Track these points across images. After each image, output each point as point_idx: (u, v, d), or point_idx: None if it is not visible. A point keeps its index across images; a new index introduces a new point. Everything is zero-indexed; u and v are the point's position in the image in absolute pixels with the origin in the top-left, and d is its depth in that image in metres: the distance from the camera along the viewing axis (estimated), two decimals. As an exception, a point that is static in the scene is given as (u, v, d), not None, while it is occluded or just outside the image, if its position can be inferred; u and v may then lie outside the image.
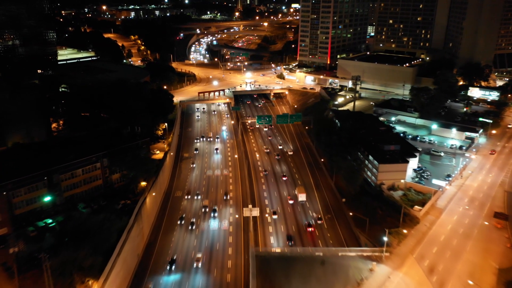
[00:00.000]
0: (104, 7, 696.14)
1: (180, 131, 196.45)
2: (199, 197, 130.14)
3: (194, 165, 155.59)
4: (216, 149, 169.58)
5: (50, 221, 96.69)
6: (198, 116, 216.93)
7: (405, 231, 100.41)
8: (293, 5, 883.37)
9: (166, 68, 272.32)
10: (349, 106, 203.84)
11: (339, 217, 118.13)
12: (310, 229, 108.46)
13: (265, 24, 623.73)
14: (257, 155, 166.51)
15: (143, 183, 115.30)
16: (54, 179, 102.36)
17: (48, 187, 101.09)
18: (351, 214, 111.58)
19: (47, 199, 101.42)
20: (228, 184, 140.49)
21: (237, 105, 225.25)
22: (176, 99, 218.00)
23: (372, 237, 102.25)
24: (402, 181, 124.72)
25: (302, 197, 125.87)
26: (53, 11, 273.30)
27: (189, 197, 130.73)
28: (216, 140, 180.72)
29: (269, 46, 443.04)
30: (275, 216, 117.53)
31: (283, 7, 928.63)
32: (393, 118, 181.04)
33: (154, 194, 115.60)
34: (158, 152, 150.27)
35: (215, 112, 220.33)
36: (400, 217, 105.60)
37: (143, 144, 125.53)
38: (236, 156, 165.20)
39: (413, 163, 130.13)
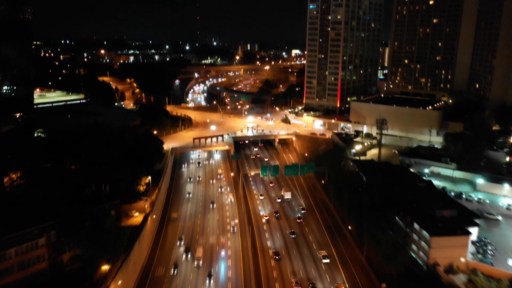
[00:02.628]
0: (102, 51, 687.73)
1: (170, 184, 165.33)
2: None
3: None
4: None
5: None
6: (189, 193, 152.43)
7: None
8: (294, 51, 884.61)
9: (159, 111, 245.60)
10: (370, 155, 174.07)
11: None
12: None
13: (267, 68, 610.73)
14: (263, 216, 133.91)
15: (105, 267, 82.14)
16: (-30, 266, 69.82)
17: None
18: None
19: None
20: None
21: (238, 153, 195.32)
22: (168, 145, 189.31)
23: None
24: (463, 259, 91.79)
25: (287, 195, 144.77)
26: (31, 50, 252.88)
27: None
28: (210, 278, 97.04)
29: (270, 90, 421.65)
30: None
31: (284, 53, 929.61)
32: (426, 170, 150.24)
33: (120, 282, 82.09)
34: (137, 214, 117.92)
35: (214, 205, 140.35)
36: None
37: (112, 208, 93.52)
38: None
39: (473, 233, 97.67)
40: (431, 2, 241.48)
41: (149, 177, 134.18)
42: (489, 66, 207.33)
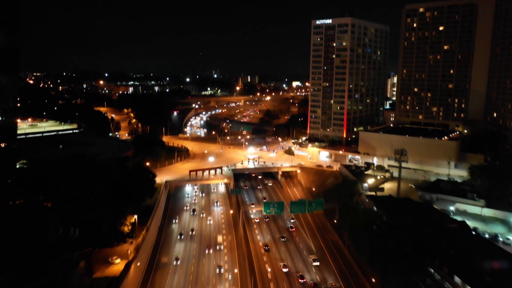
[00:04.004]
0: (101, 82, 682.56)
1: (162, 223, 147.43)
2: None
3: None
4: None
5: None
6: (177, 261, 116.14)
7: None
8: (294, 83, 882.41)
9: (154, 142, 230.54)
10: (386, 189, 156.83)
11: None
12: None
13: (267, 98, 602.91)
14: (265, 261, 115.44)
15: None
16: None
17: None
18: None
19: None
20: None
21: (238, 187, 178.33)
22: (161, 178, 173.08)
23: None
24: (520, 325, 73.26)
25: None
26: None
27: None
28: None
29: (272, 120, 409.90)
30: None
31: (284, 85, 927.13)
32: (451, 208, 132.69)
33: None
34: (118, 260, 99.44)
35: None
36: None
37: (81, 258, 75.71)
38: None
39: (528, 289, 79.37)
40: (441, 28, 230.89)
41: (135, 216, 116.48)
42: (509, 94, 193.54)
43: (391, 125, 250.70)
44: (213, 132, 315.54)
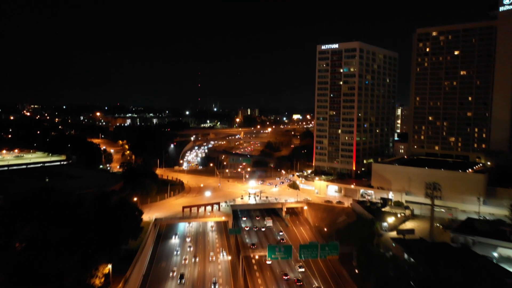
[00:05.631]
0: (98, 114, 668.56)
1: (148, 269, 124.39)
2: None
3: None
4: None
5: None
6: None
7: None
8: (295, 116, 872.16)
9: (145, 174, 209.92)
10: (408, 229, 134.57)
11: None
12: None
13: (267, 131, 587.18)
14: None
15: None
16: None
17: None
18: None
19: None
20: None
21: (237, 226, 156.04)
22: (151, 215, 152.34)
23: None
24: None
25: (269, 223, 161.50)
26: None
27: None
28: None
29: (273, 153, 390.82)
30: None
31: (284, 118, 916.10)
32: (494, 253, 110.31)
33: None
34: (82, 326, 77.23)
35: None
36: None
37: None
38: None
39: None
40: (456, 53, 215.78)
41: (110, 266, 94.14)
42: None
43: (405, 156, 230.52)
44: (211, 164, 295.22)
